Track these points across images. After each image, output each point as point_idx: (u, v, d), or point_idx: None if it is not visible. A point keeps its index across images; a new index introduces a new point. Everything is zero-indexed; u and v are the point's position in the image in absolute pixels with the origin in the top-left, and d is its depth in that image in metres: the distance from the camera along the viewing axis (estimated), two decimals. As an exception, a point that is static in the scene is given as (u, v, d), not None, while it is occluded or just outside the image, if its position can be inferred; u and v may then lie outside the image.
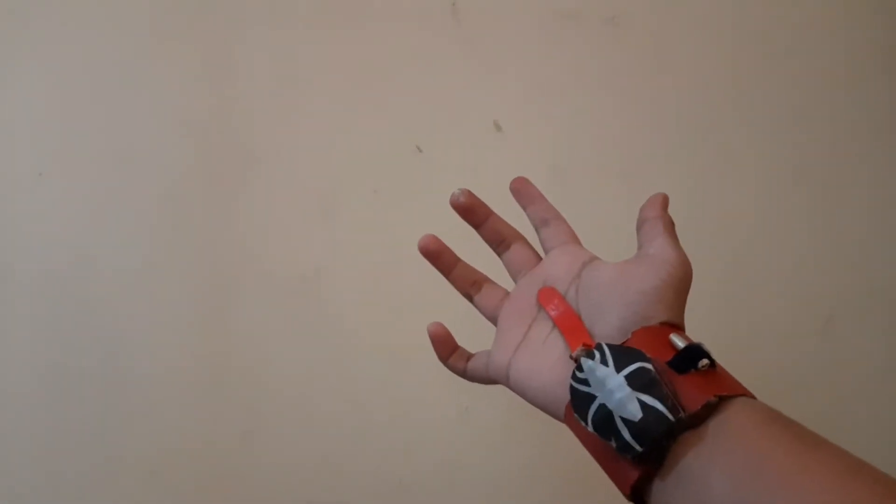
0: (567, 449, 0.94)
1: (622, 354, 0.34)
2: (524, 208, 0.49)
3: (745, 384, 0.34)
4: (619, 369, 0.33)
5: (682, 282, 0.39)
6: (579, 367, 0.35)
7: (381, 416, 0.96)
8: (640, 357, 0.33)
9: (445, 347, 0.51)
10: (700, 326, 0.98)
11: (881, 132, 1.02)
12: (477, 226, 0.50)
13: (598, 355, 0.35)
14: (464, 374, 0.50)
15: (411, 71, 1.01)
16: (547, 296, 0.43)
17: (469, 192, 0.49)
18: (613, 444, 0.32)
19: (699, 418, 0.31)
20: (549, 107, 1.01)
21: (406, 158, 1.00)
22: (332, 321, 0.97)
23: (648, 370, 0.32)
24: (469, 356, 0.51)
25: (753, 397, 0.33)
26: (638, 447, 0.31)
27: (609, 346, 0.35)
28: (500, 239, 0.50)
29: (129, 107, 0.99)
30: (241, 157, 0.99)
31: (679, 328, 0.37)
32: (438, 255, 0.50)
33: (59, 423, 0.94)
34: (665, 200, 0.44)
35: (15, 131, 0.98)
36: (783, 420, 0.32)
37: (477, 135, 1.00)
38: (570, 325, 0.40)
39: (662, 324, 0.36)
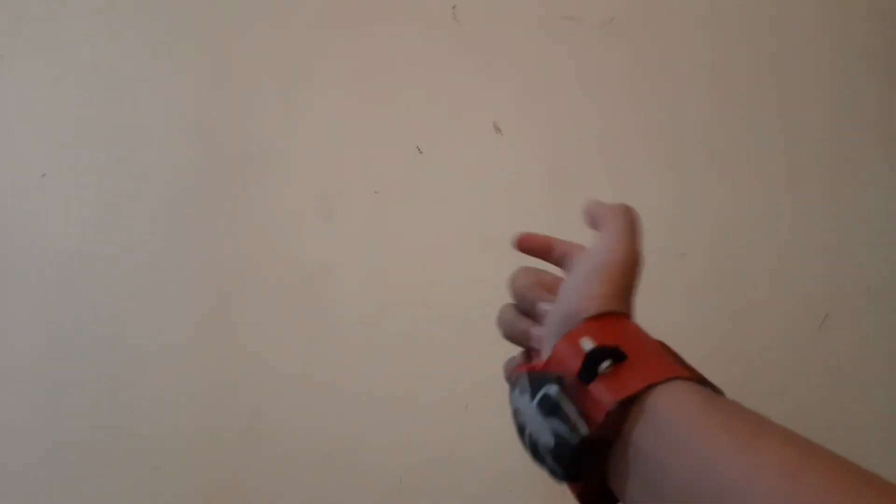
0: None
1: (536, 380, 0.34)
2: (543, 259, 0.46)
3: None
4: (532, 397, 0.34)
5: (614, 265, 0.37)
6: (511, 399, 0.36)
7: (382, 415, 0.97)
8: (549, 379, 0.33)
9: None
10: (700, 325, 0.99)
11: (875, 133, 1.03)
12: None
13: (519, 385, 0.35)
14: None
15: (412, 73, 1.02)
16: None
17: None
18: (546, 471, 0.34)
19: (607, 428, 0.31)
20: (548, 108, 1.02)
21: (406, 159, 1.00)
22: (333, 320, 0.98)
23: (551, 396, 0.32)
24: None
25: (676, 375, 0.31)
26: (561, 472, 0.32)
27: (528, 373, 0.35)
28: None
29: (131, 108, 1.00)
30: (242, 159, 1.00)
31: (608, 316, 0.35)
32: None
33: (64, 419, 0.95)
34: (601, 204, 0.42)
35: (18, 132, 0.99)
36: (716, 408, 0.30)
37: (477, 136, 1.01)
38: None
39: (587, 320, 0.35)
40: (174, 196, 0.99)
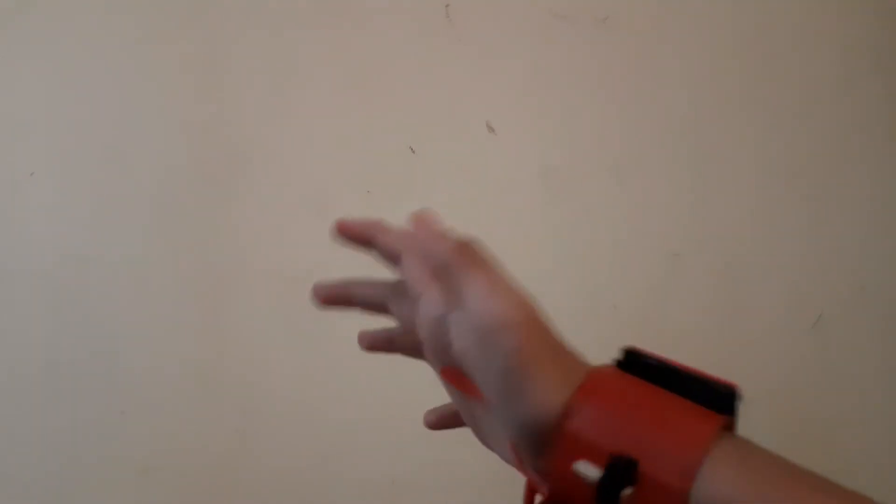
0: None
1: None
2: (366, 251, 0.39)
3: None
4: None
5: (530, 334, 0.30)
6: None
7: (375, 416, 0.96)
8: None
9: (451, 424, 0.42)
10: (694, 325, 0.99)
11: (874, 134, 1.03)
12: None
13: None
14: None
15: (404, 72, 1.01)
16: (451, 379, 0.35)
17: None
18: None
19: None
20: (541, 107, 1.02)
21: (399, 159, 1.00)
22: (325, 322, 0.97)
23: None
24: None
25: (702, 451, 0.27)
26: None
27: None
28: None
29: (122, 106, 0.99)
30: (234, 158, 0.99)
31: (572, 405, 0.29)
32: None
33: (52, 421, 0.94)
34: (436, 221, 0.33)
35: (7, 130, 0.98)
36: (755, 477, 0.26)
37: (469, 135, 1.00)
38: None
39: (556, 430, 0.29)
40: (165, 196, 0.98)
